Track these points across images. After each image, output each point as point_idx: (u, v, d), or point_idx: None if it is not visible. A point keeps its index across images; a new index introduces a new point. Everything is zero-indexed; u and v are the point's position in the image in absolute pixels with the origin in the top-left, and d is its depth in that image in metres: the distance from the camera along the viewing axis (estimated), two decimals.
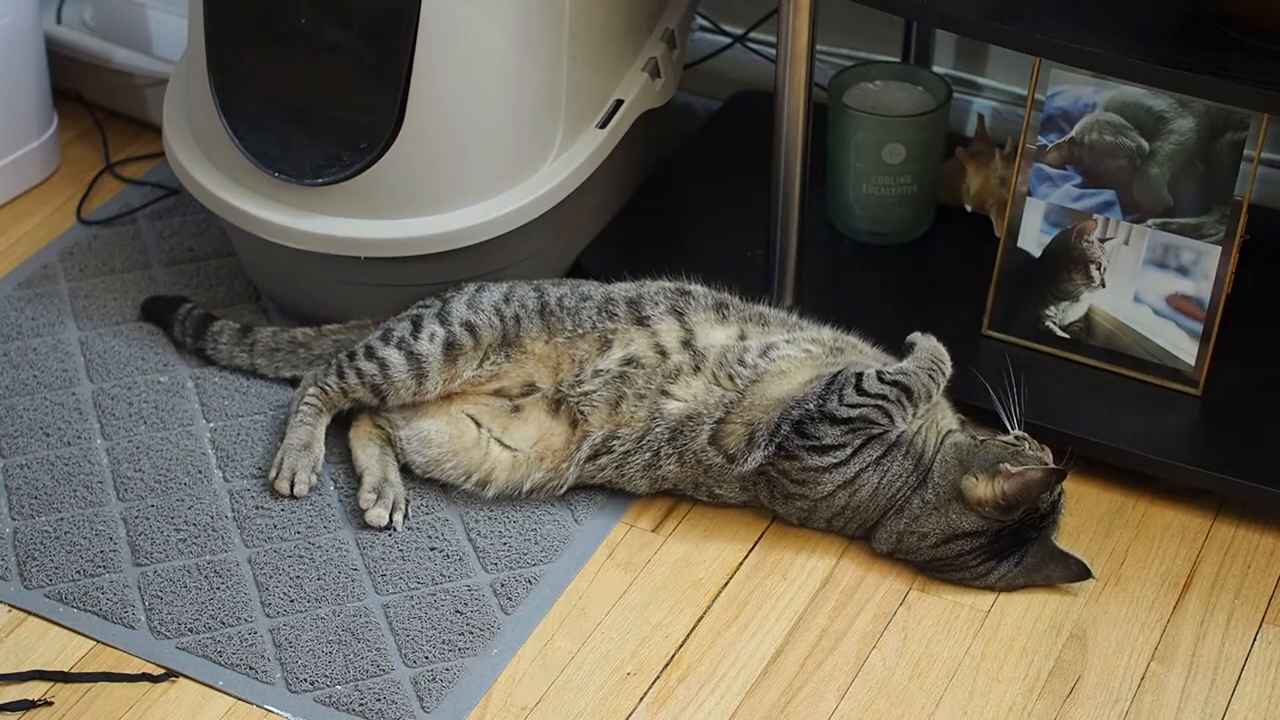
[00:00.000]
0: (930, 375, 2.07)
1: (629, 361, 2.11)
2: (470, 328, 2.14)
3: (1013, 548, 2.02)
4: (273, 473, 2.14)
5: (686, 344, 2.12)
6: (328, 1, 2.19)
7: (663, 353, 2.11)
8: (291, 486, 2.13)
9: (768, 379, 2.08)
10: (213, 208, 2.31)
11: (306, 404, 2.16)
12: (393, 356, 2.14)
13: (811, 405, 2.04)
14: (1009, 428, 2.07)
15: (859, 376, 2.05)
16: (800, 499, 2.06)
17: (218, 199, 2.29)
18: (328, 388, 2.16)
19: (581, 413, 2.10)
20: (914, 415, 2.05)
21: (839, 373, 2.06)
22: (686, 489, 2.12)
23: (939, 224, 2.46)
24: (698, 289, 2.18)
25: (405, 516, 2.11)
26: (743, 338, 2.13)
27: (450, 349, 2.13)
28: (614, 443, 2.09)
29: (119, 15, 2.69)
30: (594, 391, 2.10)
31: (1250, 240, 2.20)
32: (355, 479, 2.14)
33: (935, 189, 2.44)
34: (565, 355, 2.13)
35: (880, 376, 2.05)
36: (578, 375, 2.11)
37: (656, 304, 2.15)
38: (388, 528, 2.10)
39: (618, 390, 2.10)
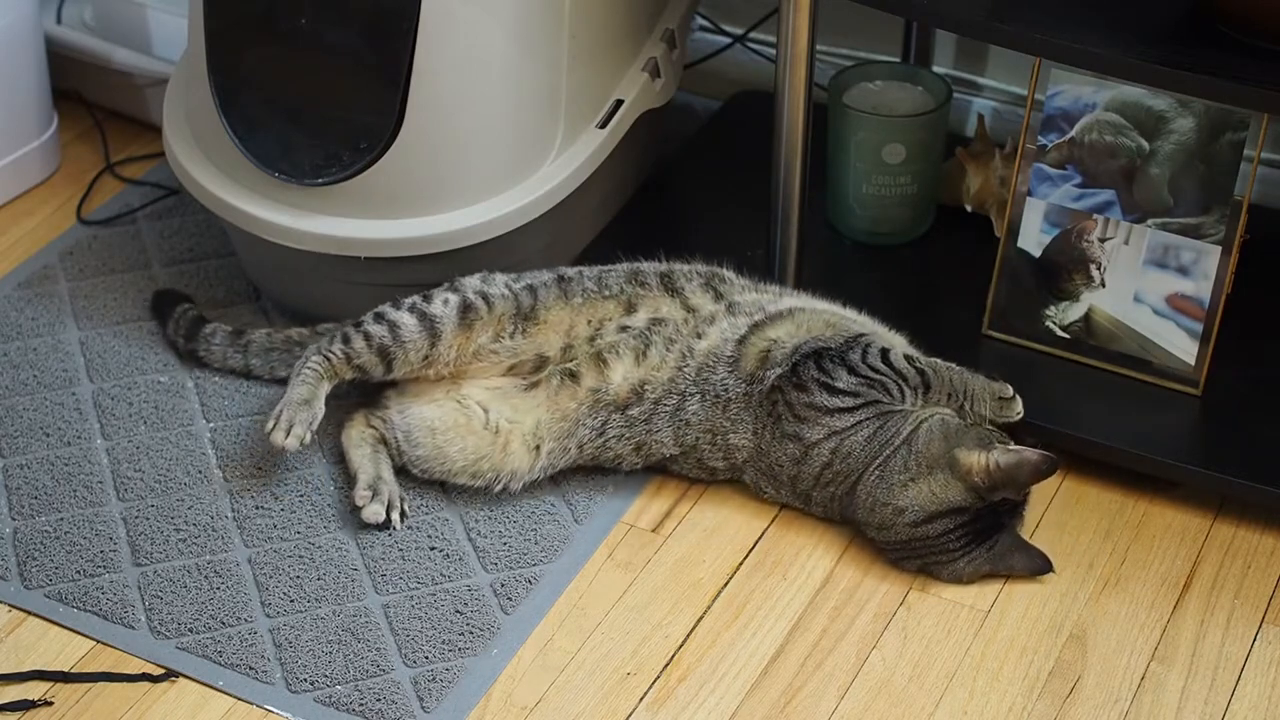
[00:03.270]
0: (953, 392, 2.08)
1: (657, 321, 2.12)
2: (484, 296, 2.13)
3: (991, 531, 2.02)
4: (269, 424, 2.09)
5: (720, 300, 2.15)
6: (328, 1, 2.19)
7: (693, 310, 2.13)
8: (286, 436, 2.08)
9: (800, 312, 2.12)
10: (213, 208, 2.31)
11: (308, 369, 2.13)
12: (405, 318, 2.12)
13: (834, 346, 2.07)
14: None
15: (885, 349, 2.08)
16: (795, 441, 2.05)
17: (218, 199, 2.29)
18: (331, 355, 2.13)
19: (603, 360, 2.10)
20: (919, 405, 2.06)
21: (865, 334, 2.10)
22: (704, 444, 2.11)
23: (939, 224, 2.46)
24: (730, 273, 2.21)
25: (403, 515, 2.11)
26: (781, 296, 2.18)
27: (466, 312, 2.12)
28: (645, 388, 2.10)
29: (119, 15, 2.69)
30: (618, 342, 2.10)
31: (1250, 240, 2.20)
32: (350, 480, 2.14)
33: (935, 189, 2.45)
34: (583, 316, 2.13)
35: (909, 359, 2.07)
36: (597, 330, 2.12)
37: (690, 279, 2.17)
38: (386, 526, 2.10)
39: (645, 339, 2.10)
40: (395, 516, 2.10)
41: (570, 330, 2.13)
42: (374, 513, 2.09)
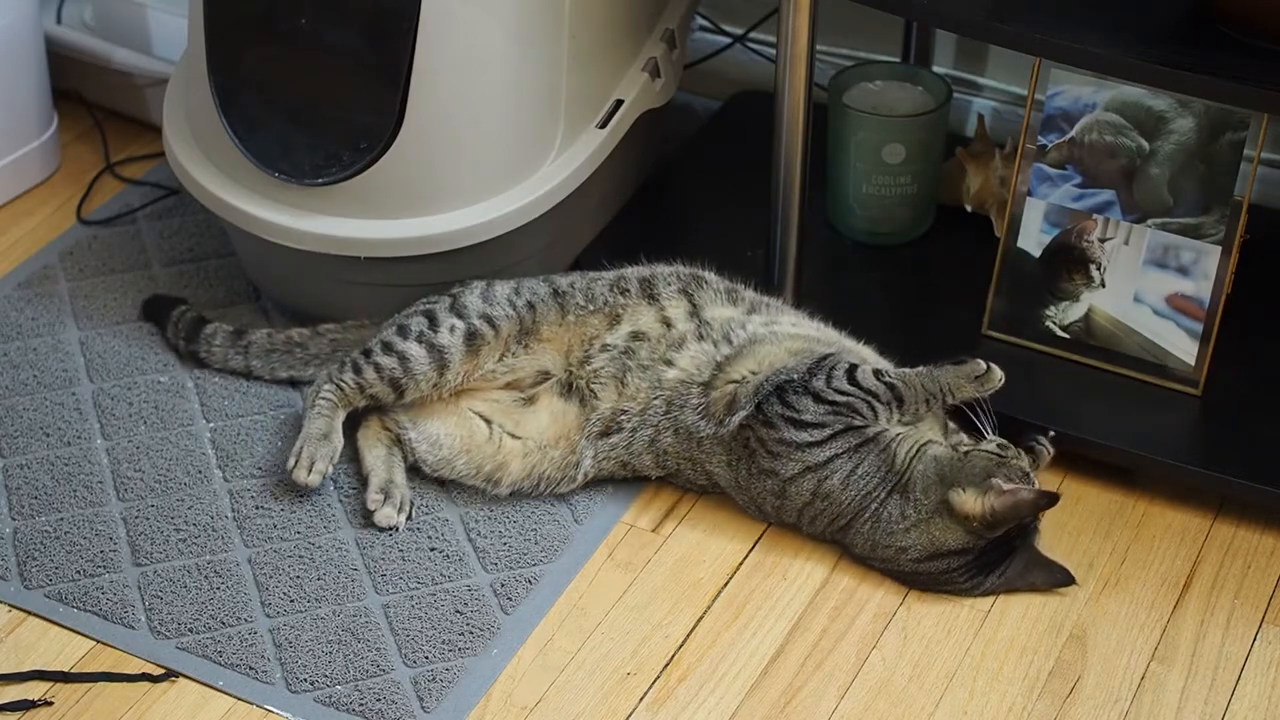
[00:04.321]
0: (930, 398, 2.05)
1: (635, 336, 2.12)
2: (489, 319, 2.13)
3: (998, 560, 2.01)
4: (291, 461, 2.11)
5: (693, 315, 2.13)
6: (328, 1, 2.19)
7: (668, 324, 2.12)
8: (309, 473, 2.10)
9: (762, 343, 2.09)
10: (213, 208, 2.31)
11: (322, 399, 2.14)
12: (413, 350, 2.13)
13: (796, 376, 2.03)
14: (985, 434, 2.06)
15: (853, 366, 2.04)
16: (771, 476, 2.05)
17: (218, 199, 2.29)
18: (344, 385, 2.14)
19: (591, 390, 2.10)
20: (898, 421, 2.05)
21: (830, 354, 2.06)
22: (686, 470, 2.11)
23: (939, 224, 2.46)
24: (711, 276, 2.19)
25: (408, 517, 2.11)
26: (750, 313, 2.15)
27: (472, 339, 2.12)
28: (622, 418, 2.10)
29: (119, 15, 2.69)
30: (602, 368, 2.11)
31: (1250, 240, 2.20)
32: (361, 480, 2.14)
33: (935, 189, 2.45)
34: (576, 334, 2.14)
35: (878, 374, 2.04)
36: (586, 352, 2.12)
37: (669, 283, 2.17)
38: (391, 527, 2.10)
39: (623, 365, 2.10)
40: (401, 518, 2.10)
41: (568, 353, 2.14)
42: (386, 516, 2.09)
